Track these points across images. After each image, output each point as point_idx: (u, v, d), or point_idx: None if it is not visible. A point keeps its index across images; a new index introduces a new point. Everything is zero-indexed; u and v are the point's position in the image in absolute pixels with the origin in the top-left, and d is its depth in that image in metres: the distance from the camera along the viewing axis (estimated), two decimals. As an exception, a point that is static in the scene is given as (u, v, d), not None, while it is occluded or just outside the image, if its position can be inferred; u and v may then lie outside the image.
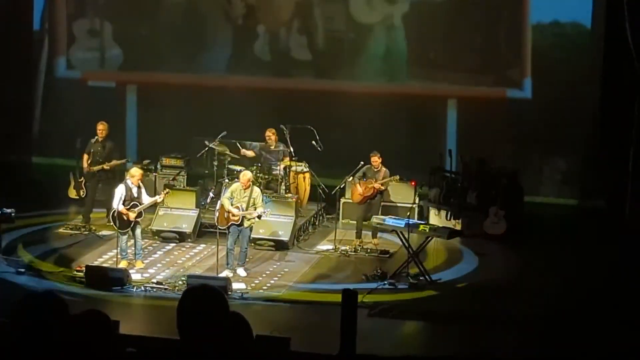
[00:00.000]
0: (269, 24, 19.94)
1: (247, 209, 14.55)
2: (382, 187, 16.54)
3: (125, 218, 14.57)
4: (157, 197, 15.23)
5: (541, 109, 18.90)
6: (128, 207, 14.56)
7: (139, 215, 14.69)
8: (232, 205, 14.56)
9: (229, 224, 14.56)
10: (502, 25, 19.58)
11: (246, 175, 14.92)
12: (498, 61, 19.59)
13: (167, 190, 15.56)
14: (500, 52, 19.63)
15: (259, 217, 14.73)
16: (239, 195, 14.63)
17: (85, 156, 16.71)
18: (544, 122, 18.89)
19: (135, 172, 14.94)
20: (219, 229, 14.65)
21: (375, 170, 16.49)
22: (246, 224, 14.62)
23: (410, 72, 19.80)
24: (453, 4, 19.47)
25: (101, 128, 16.67)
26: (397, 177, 16.60)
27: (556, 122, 18.81)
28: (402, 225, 14.81)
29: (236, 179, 15.61)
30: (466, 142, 19.04)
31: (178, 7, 20.14)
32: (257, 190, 14.85)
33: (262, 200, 14.87)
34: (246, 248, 14.79)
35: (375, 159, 16.45)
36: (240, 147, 17.36)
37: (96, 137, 16.62)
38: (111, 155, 16.73)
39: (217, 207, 14.79)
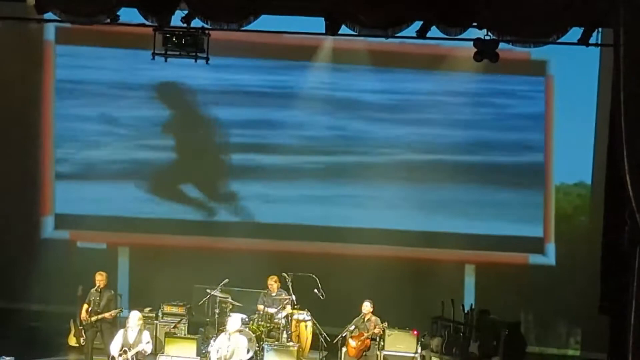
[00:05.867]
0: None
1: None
2: (376, 334, 16.50)
3: (117, 364, 14.92)
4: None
5: (565, 276, 18.46)
6: (120, 352, 15.08)
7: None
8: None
9: None
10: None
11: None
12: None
13: (120, 309, 16.72)
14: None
15: None
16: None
17: (85, 306, 16.68)
18: (568, 289, 18.35)
19: (133, 315, 15.58)
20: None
21: (365, 320, 16.49)
22: None
23: None
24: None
25: (99, 278, 16.74)
26: (386, 323, 16.57)
27: (581, 289, 18.04)
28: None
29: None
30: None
31: None
32: (242, 339, 15.12)
33: (247, 352, 15.04)
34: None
35: (368, 308, 16.49)
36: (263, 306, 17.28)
37: (97, 286, 16.65)
38: (109, 304, 16.71)
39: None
